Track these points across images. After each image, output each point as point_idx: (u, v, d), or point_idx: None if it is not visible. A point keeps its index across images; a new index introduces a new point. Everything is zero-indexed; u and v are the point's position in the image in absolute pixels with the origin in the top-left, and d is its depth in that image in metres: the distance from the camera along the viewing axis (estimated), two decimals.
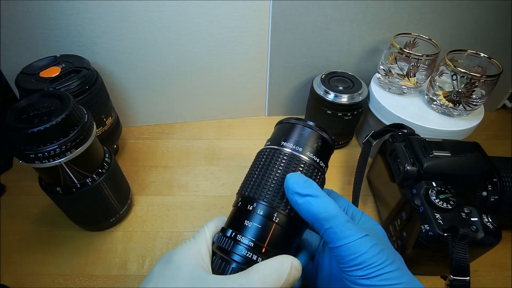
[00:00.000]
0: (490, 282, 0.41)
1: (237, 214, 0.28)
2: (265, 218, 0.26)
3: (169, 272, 0.24)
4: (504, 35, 0.54)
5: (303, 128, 0.29)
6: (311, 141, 0.29)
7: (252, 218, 0.26)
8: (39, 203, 0.47)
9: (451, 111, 0.47)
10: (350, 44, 0.55)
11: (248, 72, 0.57)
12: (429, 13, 0.52)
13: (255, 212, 0.26)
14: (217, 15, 0.49)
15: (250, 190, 0.27)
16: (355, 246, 0.23)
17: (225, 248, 0.25)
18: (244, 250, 0.25)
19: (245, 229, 0.26)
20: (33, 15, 0.45)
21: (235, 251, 0.25)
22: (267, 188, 0.27)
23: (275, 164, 0.28)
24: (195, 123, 0.63)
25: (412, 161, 0.38)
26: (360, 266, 0.23)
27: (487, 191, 0.40)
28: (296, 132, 0.29)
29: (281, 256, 0.24)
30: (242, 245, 0.25)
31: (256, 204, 0.26)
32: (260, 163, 0.29)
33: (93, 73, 0.45)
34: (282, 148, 0.28)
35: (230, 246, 0.25)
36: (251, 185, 0.28)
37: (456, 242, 0.31)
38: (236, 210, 0.28)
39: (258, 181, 0.27)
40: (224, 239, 0.26)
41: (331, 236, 0.24)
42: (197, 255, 0.25)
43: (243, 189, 0.28)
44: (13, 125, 0.31)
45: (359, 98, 0.51)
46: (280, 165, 0.27)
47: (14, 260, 0.41)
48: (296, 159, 0.28)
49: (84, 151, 0.34)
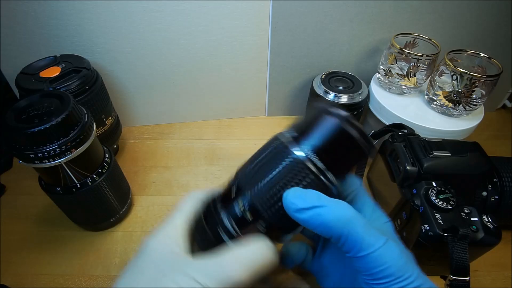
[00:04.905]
0: (490, 282, 0.41)
1: (228, 192, 0.25)
2: (245, 213, 0.23)
3: (140, 263, 0.22)
4: (504, 35, 0.54)
5: (331, 127, 0.22)
6: (333, 148, 0.22)
7: (235, 204, 0.24)
8: (39, 203, 0.47)
9: (451, 111, 0.47)
10: (350, 44, 0.55)
11: (248, 72, 0.57)
12: (429, 13, 0.52)
13: (237, 201, 0.24)
14: (217, 15, 0.49)
15: (242, 177, 0.25)
16: (381, 256, 0.21)
17: (207, 222, 0.24)
18: (228, 227, 0.23)
19: (226, 211, 0.24)
20: (33, 15, 0.45)
21: (219, 227, 0.24)
22: (258, 184, 0.23)
23: (277, 164, 0.23)
24: (195, 123, 0.63)
25: (412, 161, 0.38)
26: (388, 278, 0.21)
27: (487, 191, 0.40)
28: (319, 129, 0.22)
29: (258, 239, 0.23)
30: (225, 223, 0.23)
31: (243, 195, 0.24)
32: (263, 153, 0.25)
33: (93, 73, 0.45)
34: (291, 149, 0.23)
35: (214, 222, 0.24)
36: (246, 172, 0.25)
37: (456, 242, 0.31)
38: (228, 188, 0.26)
39: (253, 172, 0.24)
40: (210, 211, 0.25)
41: (351, 246, 0.21)
42: (170, 239, 0.23)
43: (240, 172, 0.25)
44: (13, 125, 0.31)
45: (359, 98, 0.51)
46: (281, 168, 0.23)
47: (14, 260, 0.41)
48: (303, 172, 0.22)
49: (84, 151, 0.35)
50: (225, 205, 0.24)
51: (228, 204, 0.24)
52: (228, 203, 0.24)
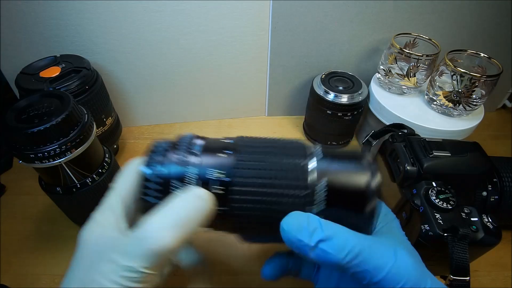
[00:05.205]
0: (490, 282, 0.41)
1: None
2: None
3: (75, 259, 0.21)
4: (504, 35, 0.54)
5: (357, 188, 0.21)
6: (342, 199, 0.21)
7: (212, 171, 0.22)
8: (39, 203, 0.47)
9: (451, 111, 0.47)
10: (350, 44, 0.55)
11: (248, 72, 0.57)
12: (429, 13, 0.52)
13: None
14: (217, 15, 0.49)
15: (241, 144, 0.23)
16: (396, 274, 0.20)
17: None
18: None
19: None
20: (33, 15, 0.45)
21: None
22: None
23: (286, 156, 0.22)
24: (195, 123, 0.63)
25: (412, 161, 0.38)
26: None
27: (487, 191, 0.40)
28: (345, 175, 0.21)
29: (194, 188, 0.21)
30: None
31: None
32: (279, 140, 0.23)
33: (93, 73, 0.45)
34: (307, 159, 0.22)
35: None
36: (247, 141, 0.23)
37: (456, 242, 0.31)
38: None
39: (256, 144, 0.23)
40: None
41: (363, 276, 0.20)
42: (102, 225, 0.21)
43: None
44: (13, 125, 0.31)
45: (359, 98, 0.51)
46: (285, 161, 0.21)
47: (14, 260, 0.41)
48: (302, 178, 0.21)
49: (84, 151, 0.34)
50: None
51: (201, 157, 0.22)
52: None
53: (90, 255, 0.20)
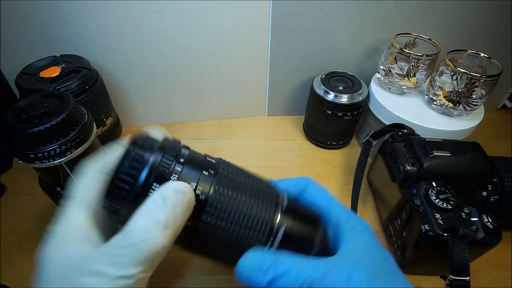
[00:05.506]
0: (490, 282, 0.41)
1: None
2: None
3: (42, 279, 0.20)
4: (504, 35, 0.54)
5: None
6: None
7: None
8: (39, 203, 0.47)
9: (451, 111, 0.47)
10: (350, 44, 0.55)
11: (248, 72, 0.57)
12: (429, 13, 0.52)
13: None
14: (217, 15, 0.49)
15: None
16: None
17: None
18: None
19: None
20: (33, 15, 0.45)
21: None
22: None
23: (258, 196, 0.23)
24: (195, 123, 0.63)
25: (412, 161, 0.38)
26: None
27: (487, 191, 0.40)
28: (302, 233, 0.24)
29: (172, 182, 0.20)
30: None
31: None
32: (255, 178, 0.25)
33: (93, 73, 0.45)
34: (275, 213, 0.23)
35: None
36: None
37: (456, 242, 0.31)
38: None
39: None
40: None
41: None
42: (67, 238, 0.20)
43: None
44: (13, 125, 0.31)
45: (359, 98, 0.51)
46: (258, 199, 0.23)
47: (14, 260, 0.41)
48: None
49: (84, 151, 0.34)
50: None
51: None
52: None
53: (63, 272, 0.19)
